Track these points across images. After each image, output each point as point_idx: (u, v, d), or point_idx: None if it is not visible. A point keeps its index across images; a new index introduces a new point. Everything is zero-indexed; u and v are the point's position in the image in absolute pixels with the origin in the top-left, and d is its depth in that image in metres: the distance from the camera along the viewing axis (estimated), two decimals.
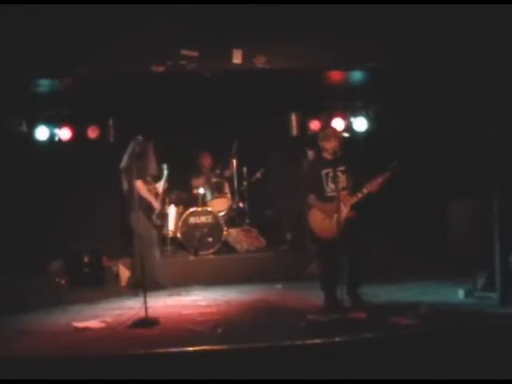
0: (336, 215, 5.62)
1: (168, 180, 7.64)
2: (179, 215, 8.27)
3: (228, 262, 7.99)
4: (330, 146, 5.93)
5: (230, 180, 8.88)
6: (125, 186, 7.07)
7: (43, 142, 8.72)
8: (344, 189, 5.86)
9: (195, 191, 8.61)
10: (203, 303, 6.49)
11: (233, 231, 8.43)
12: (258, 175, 9.03)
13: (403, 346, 4.82)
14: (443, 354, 4.67)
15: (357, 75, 7.31)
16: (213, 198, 8.64)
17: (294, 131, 9.20)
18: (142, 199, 6.88)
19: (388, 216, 6.94)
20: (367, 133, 8.78)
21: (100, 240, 8.38)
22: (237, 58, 5.71)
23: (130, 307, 6.25)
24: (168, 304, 6.52)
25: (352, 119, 8.85)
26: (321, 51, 5.81)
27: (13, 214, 8.49)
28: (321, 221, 5.88)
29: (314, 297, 6.52)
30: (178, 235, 8.18)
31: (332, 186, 5.82)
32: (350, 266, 5.92)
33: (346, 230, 5.65)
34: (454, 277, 6.85)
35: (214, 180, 8.77)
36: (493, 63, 5.88)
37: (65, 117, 8.73)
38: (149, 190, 7.20)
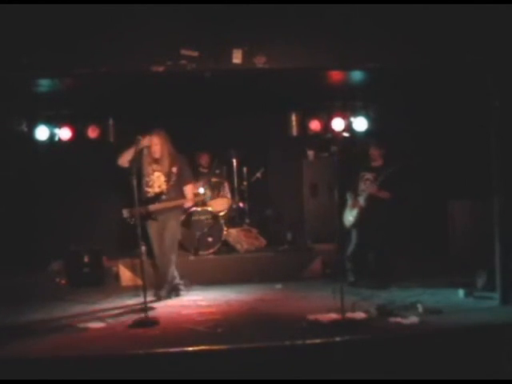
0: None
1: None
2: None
3: (228, 261, 7.99)
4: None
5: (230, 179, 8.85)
6: None
7: (43, 142, 8.71)
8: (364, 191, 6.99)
9: (195, 191, 8.60)
10: (203, 303, 6.49)
11: (233, 231, 8.43)
12: (258, 175, 9.03)
13: (403, 345, 4.82)
14: (443, 354, 4.68)
15: (357, 75, 7.30)
16: (213, 198, 8.63)
17: (294, 131, 9.19)
18: None
19: (388, 216, 6.93)
20: (367, 133, 8.77)
21: (100, 240, 8.38)
22: (237, 57, 5.72)
23: (130, 307, 6.26)
24: (168, 304, 6.52)
25: (352, 119, 8.85)
26: (321, 51, 5.81)
27: (13, 213, 8.49)
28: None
29: (314, 297, 6.54)
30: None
31: (363, 186, 7.02)
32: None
33: (357, 222, 6.98)
34: (454, 277, 6.85)
35: (213, 180, 8.76)
36: (493, 63, 5.88)
37: (65, 117, 8.73)
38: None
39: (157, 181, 6.68)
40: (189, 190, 6.79)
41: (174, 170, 6.67)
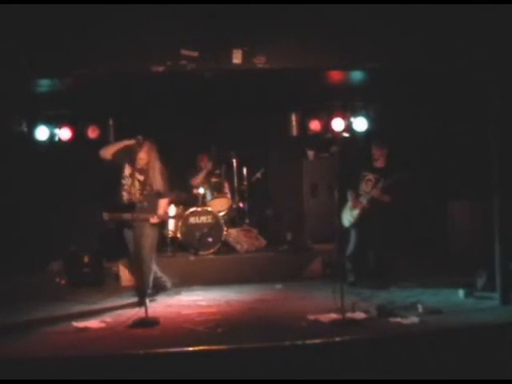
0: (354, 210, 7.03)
1: None
2: (179, 215, 8.27)
3: (228, 261, 7.99)
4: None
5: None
6: None
7: (43, 142, 8.72)
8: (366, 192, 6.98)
9: (195, 191, 8.61)
10: (203, 303, 6.49)
11: (233, 231, 8.43)
12: (258, 175, 9.03)
13: (403, 345, 4.82)
14: (443, 354, 4.67)
15: (357, 75, 7.30)
16: (213, 198, 8.63)
17: (294, 131, 9.18)
18: None
19: (388, 216, 6.94)
20: (367, 133, 8.77)
21: (100, 240, 8.37)
22: (237, 57, 5.72)
23: (130, 307, 6.26)
24: (168, 304, 6.52)
25: (352, 119, 8.85)
26: (321, 51, 5.81)
27: (13, 213, 8.49)
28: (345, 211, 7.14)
29: (314, 297, 6.54)
30: (178, 235, 8.17)
31: (364, 187, 7.00)
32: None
33: (357, 222, 6.99)
34: (454, 276, 6.85)
35: (213, 180, 8.76)
36: (493, 63, 5.88)
37: (65, 117, 8.73)
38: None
39: (132, 187, 6.51)
40: (163, 203, 6.59)
41: (152, 183, 6.47)
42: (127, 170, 6.52)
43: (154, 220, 6.50)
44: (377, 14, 5.73)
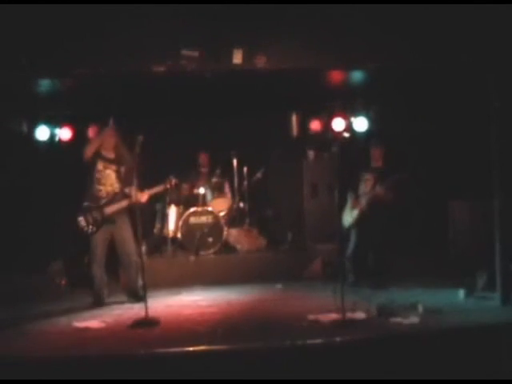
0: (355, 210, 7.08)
1: None
2: (179, 215, 8.27)
3: (228, 261, 7.99)
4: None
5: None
6: None
7: (43, 142, 8.72)
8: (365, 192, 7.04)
9: (195, 191, 8.61)
10: (204, 303, 6.49)
11: (233, 231, 8.43)
12: (259, 175, 9.03)
13: (403, 345, 4.82)
14: (443, 354, 4.67)
15: (357, 75, 7.30)
16: (213, 198, 8.64)
17: (294, 131, 9.18)
18: None
19: (388, 217, 6.94)
20: (367, 133, 8.77)
21: None
22: (237, 57, 5.72)
23: (130, 307, 6.26)
24: (168, 304, 6.52)
25: (352, 119, 8.84)
26: (321, 51, 5.81)
27: (12, 214, 8.48)
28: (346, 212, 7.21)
29: (314, 297, 6.54)
30: (179, 235, 8.17)
31: (363, 187, 7.08)
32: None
33: (356, 223, 7.03)
34: (454, 277, 6.84)
35: (213, 180, 8.76)
36: (494, 63, 5.88)
37: (65, 117, 8.73)
38: None
39: (108, 178, 6.53)
40: (133, 190, 6.38)
41: (123, 169, 6.55)
42: (100, 166, 6.55)
43: (143, 198, 6.43)
44: (377, 14, 5.73)
